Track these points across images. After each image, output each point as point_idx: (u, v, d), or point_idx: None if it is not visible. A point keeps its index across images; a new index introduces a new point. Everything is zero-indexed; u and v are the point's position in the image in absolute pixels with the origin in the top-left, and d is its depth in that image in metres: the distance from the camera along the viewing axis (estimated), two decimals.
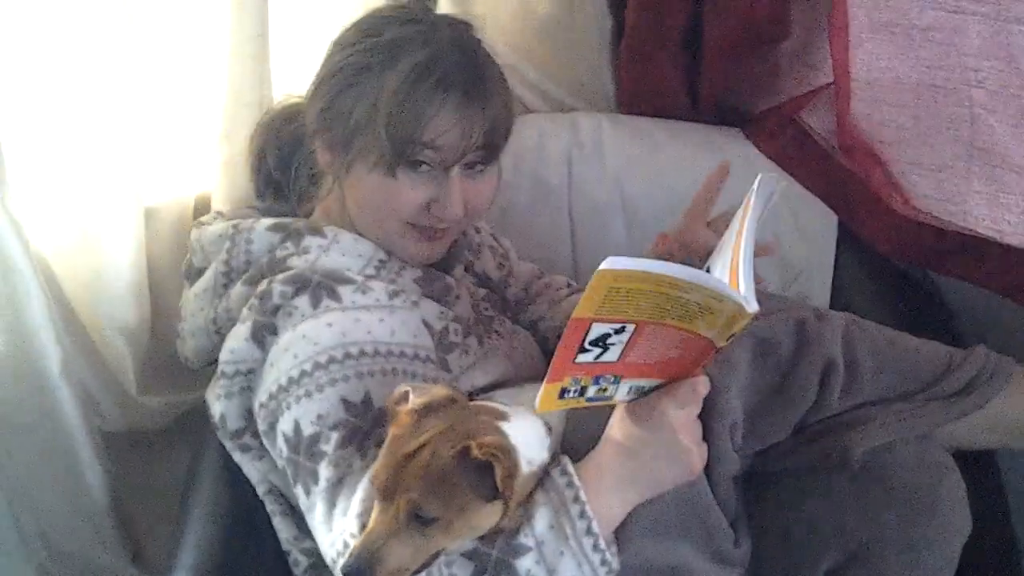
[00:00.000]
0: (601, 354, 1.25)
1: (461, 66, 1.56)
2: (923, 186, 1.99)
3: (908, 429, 1.47)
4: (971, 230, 1.91)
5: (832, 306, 2.08)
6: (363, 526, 1.39)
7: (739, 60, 2.17)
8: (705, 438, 1.42)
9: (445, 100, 1.54)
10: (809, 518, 1.49)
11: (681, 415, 1.34)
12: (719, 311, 1.21)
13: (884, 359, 1.51)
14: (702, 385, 1.34)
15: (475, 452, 1.25)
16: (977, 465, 1.56)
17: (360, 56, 1.59)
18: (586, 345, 1.23)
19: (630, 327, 1.23)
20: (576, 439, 1.45)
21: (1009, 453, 1.59)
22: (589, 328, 1.21)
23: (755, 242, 1.29)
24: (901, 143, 2.00)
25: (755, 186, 1.34)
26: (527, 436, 1.36)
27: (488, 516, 1.30)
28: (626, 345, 1.25)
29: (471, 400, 1.44)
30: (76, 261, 1.81)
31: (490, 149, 1.62)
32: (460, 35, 1.63)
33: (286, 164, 1.75)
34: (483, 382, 1.60)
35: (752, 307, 1.20)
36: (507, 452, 1.28)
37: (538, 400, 1.28)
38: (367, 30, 1.62)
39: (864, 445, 1.45)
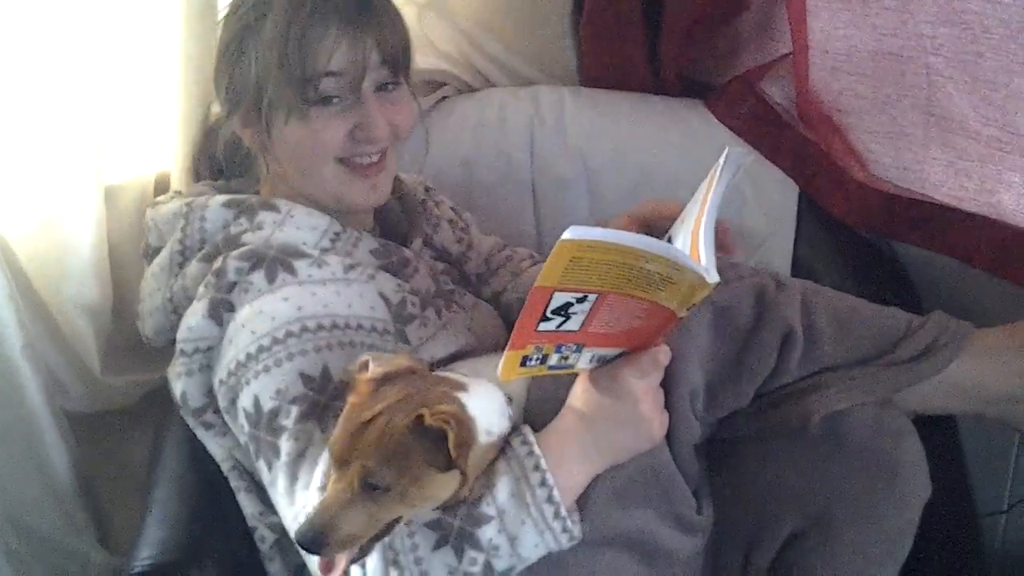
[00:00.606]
0: (563, 323, 1.26)
1: None
2: (882, 154, 2.00)
3: (867, 394, 1.48)
4: (930, 197, 1.92)
5: (793, 275, 2.08)
6: None
7: (700, 32, 2.17)
8: (666, 406, 1.44)
9: (326, 26, 1.56)
10: (770, 484, 1.51)
11: (642, 384, 1.36)
12: (680, 281, 1.22)
13: (843, 325, 1.52)
14: (663, 354, 1.36)
15: (428, 420, 1.25)
16: (936, 428, 1.57)
17: (237, 22, 1.62)
18: (548, 314, 1.24)
19: (592, 296, 1.24)
20: (539, 409, 1.45)
21: (968, 416, 1.60)
22: (551, 297, 1.22)
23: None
24: (860, 111, 2.01)
25: (722, 159, 1.35)
26: (486, 406, 1.37)
27: (443, 486, 1.30)
28: (588, 314, 1.26)
29: (431, 371, 1.44)
30: (37, 241, 1.80)
31: (393, 64, 1.63)
32: None
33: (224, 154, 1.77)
34: (443, 354, 1.60)
35: (712, 278, 1.21)
36: (461, 421, 1.28)
37: (500, 368, 1.29)
38: None
39: (823, 410, 1.46)
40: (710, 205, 1.30)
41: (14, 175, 1.76)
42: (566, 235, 1.14)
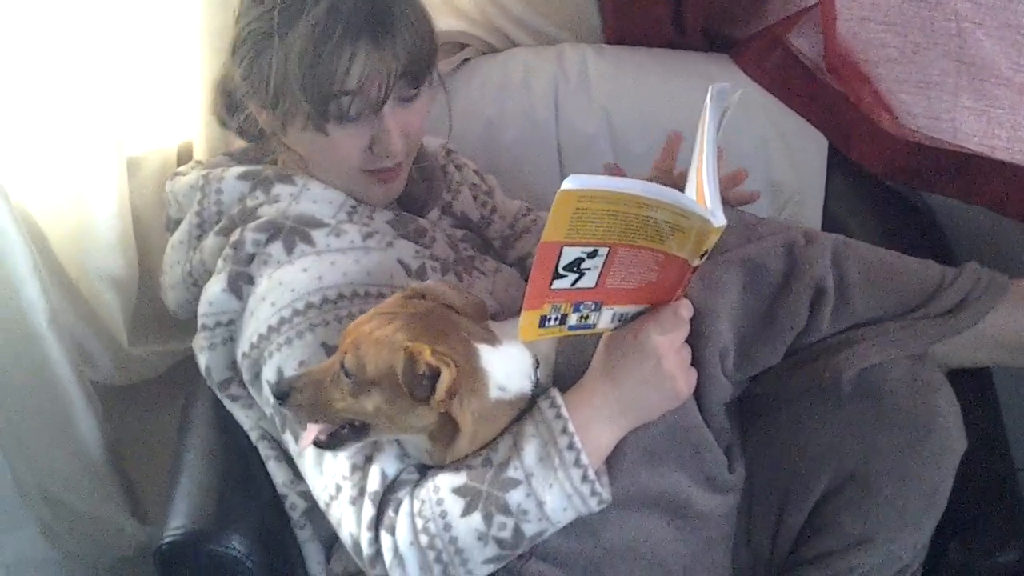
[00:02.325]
0: (577, 279, 1.25)
1: (362, 10, 1.51)
2: (912, 104, 1.96)
3: (900, 348, 1.46)
4: (961, 146, 1.89)
5: (824, 229, 2.06)
6: (354, 467, 1.39)
7: None
8: (695, 364, 1.42)
9: (355, 50, 1.50)
10: (803, 442, 1.50)
11: (664, 340, 1.34)
12: (687, 228, 1.21)
13: (875, 279, 1.50)
14: (684, 308, 1.35)
15: (428, 357, 1.27)
16: (972, 382, 1.55)
17: (261, 23, 1.54)
18: (560, 271, 1.23)
19: (603, 250, 1.22)
20: (567, 371, 1.44)
21: (1003, 370, 1.58)
22: (561, 252, 1.21)
23: (726, 173, 1.28)
24: (889, 61, 1.97)
25: (708, 98, 1.33)
26: (508, 364, 1.37)
27: (416, 416, 1.32)
28: (602, 270, 1.25)
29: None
30: (60, 214, 1.80)
31: (415, 76, 1.58)
32: None
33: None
34: None
35: (719, 221, 1.20)
36: (462, 369, 1.29)
37: (519, 329, 1.28)
38: None
39: (856, 366, 1.44)
40: (708, 146, 1.28)
41: (36, 149, 1.76)
42: (566, 184, 1.13)
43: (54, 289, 1.74)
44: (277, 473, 1.60)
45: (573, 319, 1.31)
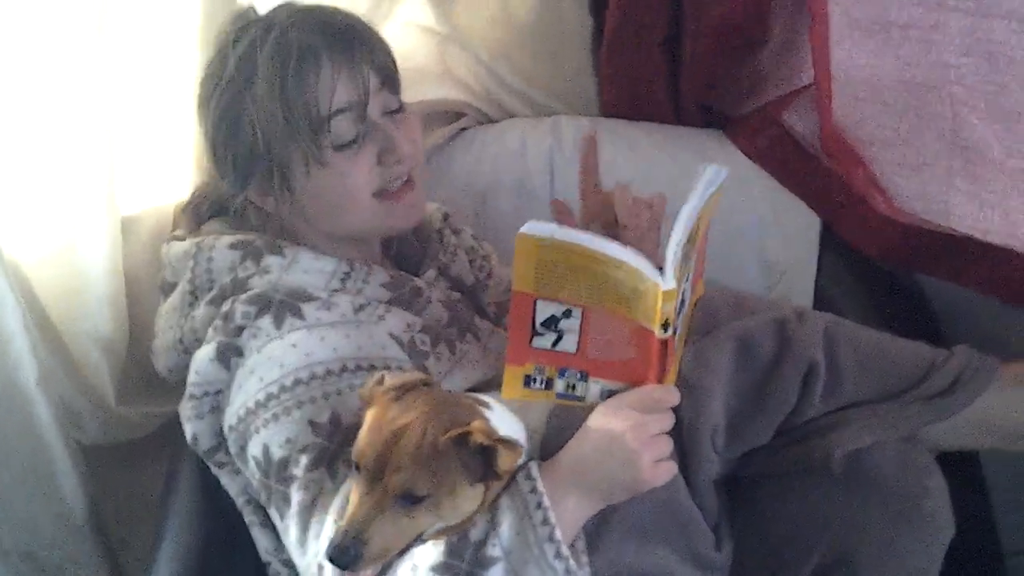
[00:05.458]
0: (557, 341, 1.29)
1: (311, 27, 1.56)
2: (905, 186, 1.97)
3: (890, 430, 1.46)
4: (954, 230, 1.90)
5: (815, 307, 2.06)
6: None
7: (719, 62, 2.15)
8: (687, 442, 1.41)
9: (319, 65, 1.54)
10: (792, 521, 1.49)
11: (632, 417, 1.31)
12: (644, 292, 1.25)
13: (866, 360, 1.50)
14: (663, 393, 1.32)
15: (478, 438, 1.25)
16: (960, 465, 1.55)
17: (223, 94, 1.58)
18: (538, 328, 1.29)
19: (576, 311, 1.28)
20: (557, 439, 1.41)
21: (992, 453, 1.58)
22: (535, 307, 1.28)
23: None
24: (883, 142, 1.99)
25: (699, 175, 1.36)
26: (508, 427, 1.35)
27: (473, 498, 1.30)
28: (580, 335, 1.29)
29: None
30: (52, 271, 1.79)
31: (392, 86, 1.63)
32: (288, 6, 1.62)
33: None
34: (460, 388, 1.59)
35: (666, 284, 1.24)
36: (510, 442, 1.28)
37: (503, 385, 1.29)
38: (214, 67, 1.61)
39: (846, 447, 1.44)
40: (682, 217, 1.30)
41: (29, 204, 1.75)
42: (522, 229, 1.24)
43: (43, 347, 1.73)
44: (261, 539, 1.59)
45: (560, 386, 1.33)
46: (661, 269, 1.26)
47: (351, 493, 1.29)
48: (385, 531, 1.25)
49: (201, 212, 1.77)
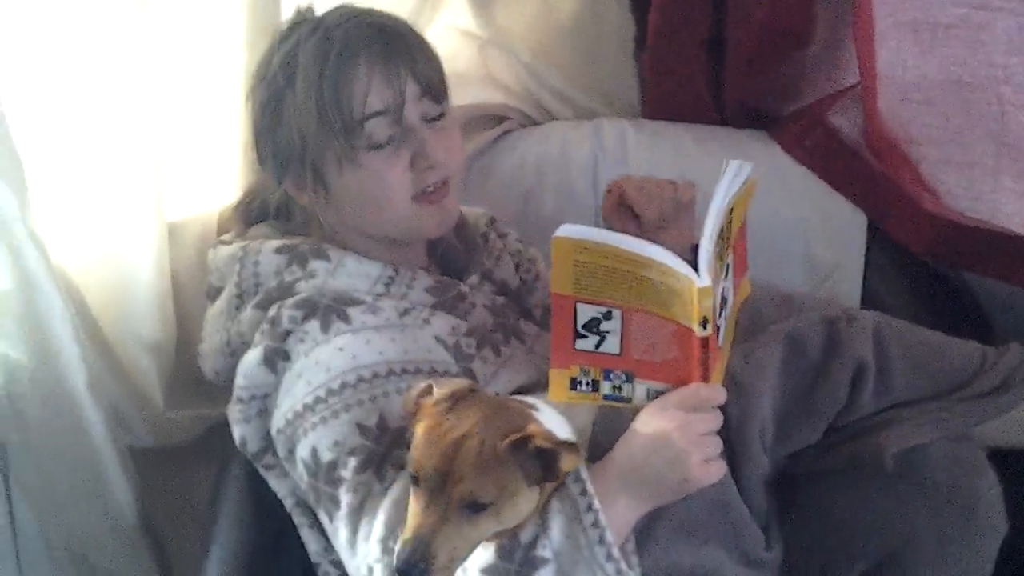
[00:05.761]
0: (600, 342, 1.30)
1: (356, 29, 1.57)
2: (953, 184, 1.97)
3: (942, 430, 1.44)
4: (1003, 227, 1.89)
5: (863, 307, 2.05)
6: (384, 550, 1.38)
7: (763, 63, 2.15)
8: (736, 441, 1.41)
9: (356, 66, 1.55)
10: (842, 521, 1.47)
11: (678, 417, 1.31)
12: (680, 291, 1.25)
13: (916, 359, 1.49)
14: (710, 391, 1.32)
15: (540, 442, 1.25)
16: (1014, 463, 1.53)
17: (266, 89, 1.61)
18: (580, 330, 1.30)
19: (616, 312, 1.29)
20: (604, 441, 1.42)
21: None
22: (576, 310, 1.29)
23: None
24: (930, 141, 1.98)
25: (723, 172, 1.36)
26: (559, 430, 1.34)
27: (531, 501, 1.30)
28: (622, 337, 1.29)
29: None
30: (100, 277, 1.80)
31: (434, 95, 1.62)
32: (343, 8, 1.64)
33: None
34: (506, 390, 1.59)
35: (700, 281, 1.24)
36: (570, 444, 1.28)
37: (549, 389, 1.29)
38: (261, 66, 1.64)
39: (897, 446, 1.42)
40: (711, 214, 1.31)
41: (77, 211, 1.77)
42: (557, 232, 1.26)
43: (92, 352, 1.75)
44: (311, 541, 1.60)
45: (606, 388, 1.33)
46: (696, 268, 1.26)
47: (410, 505, 1.28)
48: (451, 541, 1.24)
49: (250, 213, 1.80)
